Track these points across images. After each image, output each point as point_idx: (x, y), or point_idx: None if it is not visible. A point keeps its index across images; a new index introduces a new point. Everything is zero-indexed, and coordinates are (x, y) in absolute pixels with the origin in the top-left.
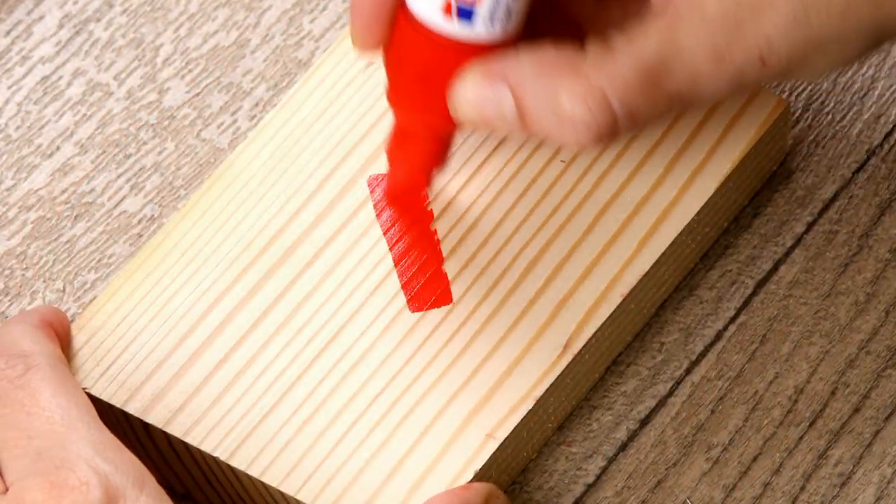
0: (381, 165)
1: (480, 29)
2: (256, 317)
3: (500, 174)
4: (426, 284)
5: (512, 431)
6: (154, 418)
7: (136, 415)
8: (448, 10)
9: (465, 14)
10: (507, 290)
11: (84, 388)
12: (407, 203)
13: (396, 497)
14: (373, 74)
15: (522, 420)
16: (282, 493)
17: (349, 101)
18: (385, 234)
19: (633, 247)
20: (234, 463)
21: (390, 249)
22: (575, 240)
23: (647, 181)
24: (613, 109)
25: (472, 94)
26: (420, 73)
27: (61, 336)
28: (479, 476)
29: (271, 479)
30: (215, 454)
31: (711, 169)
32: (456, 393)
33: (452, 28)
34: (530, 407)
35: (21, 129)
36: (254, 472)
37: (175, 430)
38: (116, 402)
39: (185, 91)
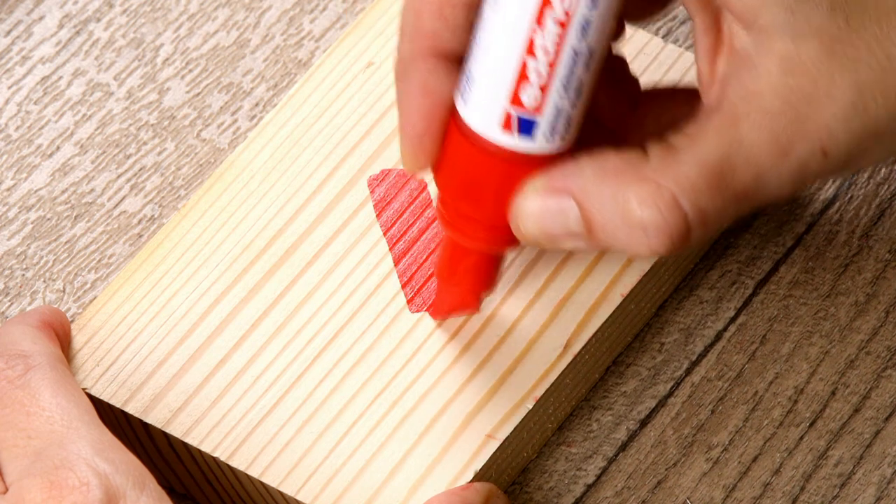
0: (381, 165)
1: (541, 141)
2: (256, 317)
3: None
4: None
5: (512, 431)
6: (154, 418)
7: (136, 415)
8: (507, 123)
9: (526, 127)
10: (508, 290)
11: (84, 388)
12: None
13: (396, 497)
14: (373, 74)
15: (522, 420)
16: (282, 493)
17: (349, 101)
18: (385, 234)
19: None
20: (234, 463)
21: (390, 249)
22: None
23: None
24: (685, 212)
25: (535, 208)
26: (475, 188)
27: (61, 336)
28: (479, 476)
29: (271, 480)
30: (215, 454)
31: None
32: (456, 393)
33: (511, 141)
34: (530, 407)
35: (21, 129)
36: (254, 472)
37: (175, 431)
38: (116, 402)
39: (185, 91)
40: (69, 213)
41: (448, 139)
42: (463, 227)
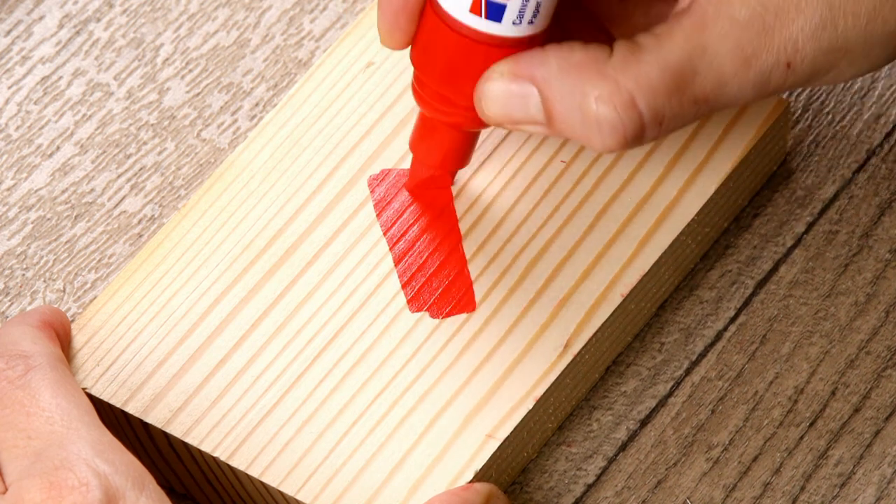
0: (381, 165)
1: (509, 26)
2: (256, 317)
3: (500, 174)
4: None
5: (512, 431)
6: (154, 418)
7: (136, 415)
8: (477, 6)
9: (495, 10)
10: (508, 290)
11: (84, 388)
12: (429, 199)
13: (396, 497)
14: (373, 74)
15: (522, 420)
16: (282, 493)
17: (349, 101)
18: (385, 234)
19: (633, 247)
20: (234, 463)
21: (390, 249)
22: (575, 240)
23: (647, 181)
24: (640, 112)
25: (498, 91)
26: (447, 68)
27: (62, 336)
28: (479, 476)
29: (271, 479)
30: (215, 454)
31: (711, 169)
32: (456, 393)
33: (481, 24)
34: (530, 407)
35: (21, 129)
36: (254, 472)
37: (175, 430)
38: (116, 402)
39: (185, 91)
40: (69, 213)
41: (423, 19)
42: (436, 104)
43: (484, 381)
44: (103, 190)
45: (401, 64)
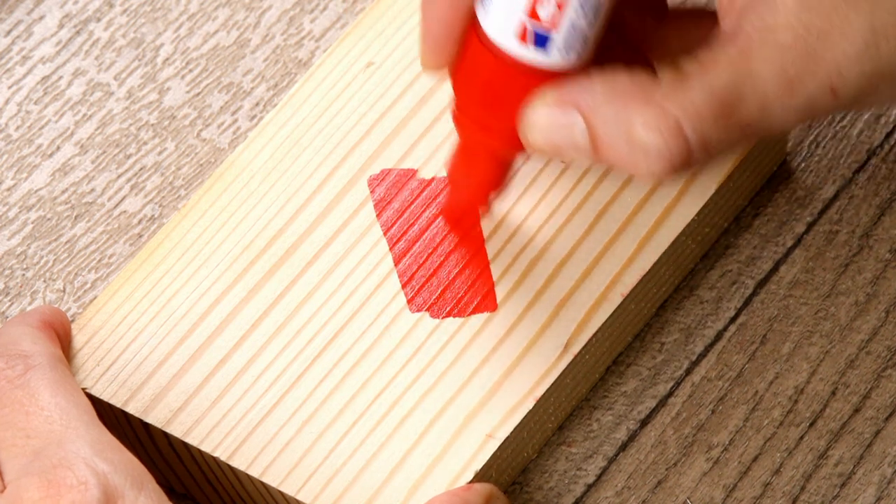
0: (381, 165)
1: (555, 55)
2: (256, 317)
3: None
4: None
5: (512, 431)
6: (154, 418)
7: (136, 415)
8: (524, 35)
9: (541, 40)
10: (508, 291)
11: (84, 388)
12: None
13: (396, 497)
14: (373, 74)
15: (522, 420)
16: (282, 493)
17: (349, 101)
18: (385, 234)
19: (633, 247)
20: (234, 463)
21: (390, 249)
22: (575, 240)
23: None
24: (687, 139)
25: (543, 119)
26: (490, 95)
27: (62, 336)
28: (480, 476)
29: (271, 479)
30: (215, 454)
31: (712, 169)
32: (456, 393)
33: (527, 53)
34: (530, 407)
35: (21, 129)
36: (254, 472)
37: (175, 430)
38: (116, 402)
39: (185, 91)
40: (69, 213)
41: (466, 45)
42: (476, 130)
43: (484, 381)
44: (103, 190)
45: (401, 64)
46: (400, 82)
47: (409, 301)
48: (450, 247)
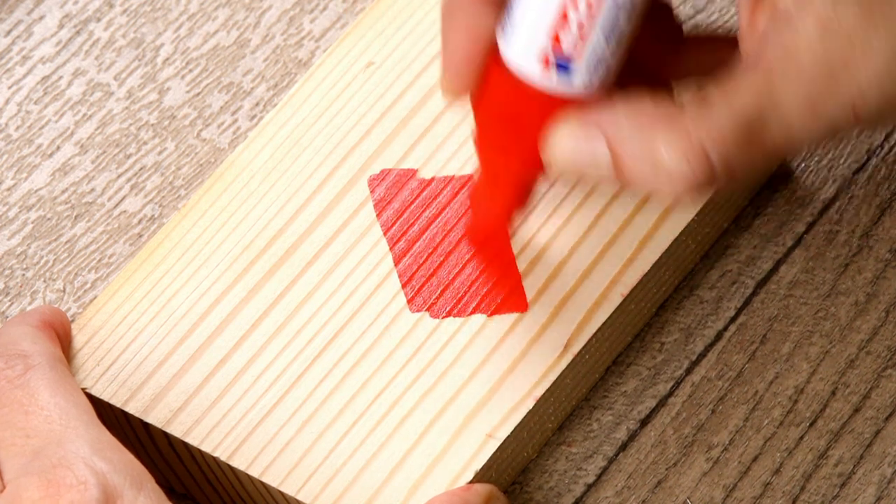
0: (381, 165)
1: (578, 83)
2: (257, 317)
3: None
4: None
5: (512, 431)
6: (154, 418)
7: (136, 415)
8: (546, 63)
9: (564, 68)
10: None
11: (84, 388)
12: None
13: (396, 497)
14: (373, 74)
15: (522, 420)
16: (282, 493)
17: (349, 101)
18: (385, 234)
19: (633, 247)
20: (234, 463)
21: (390, 249)
22: (575, 240)
23: None
24: (712, 162)
25: (566, 141)
26: (512, 121)
27: (62, 336)
28: (479, 476)
29: (271, 479)
30: (215, 454)
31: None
32: (456, 393)
33: (549, 81)
34: (530, 407)
35: (21, 129)
36: (254, 472)
37: (175, 430)
38: (116, 402)
39: (185, 91)
40: (69, 213)
41: (488, 71)
42: (498, 154)
43: (484, 381)
44: (103, 190)
45: (401, 64)
46: (400, 82)
47: (409, 301)
48: (450, 247)
